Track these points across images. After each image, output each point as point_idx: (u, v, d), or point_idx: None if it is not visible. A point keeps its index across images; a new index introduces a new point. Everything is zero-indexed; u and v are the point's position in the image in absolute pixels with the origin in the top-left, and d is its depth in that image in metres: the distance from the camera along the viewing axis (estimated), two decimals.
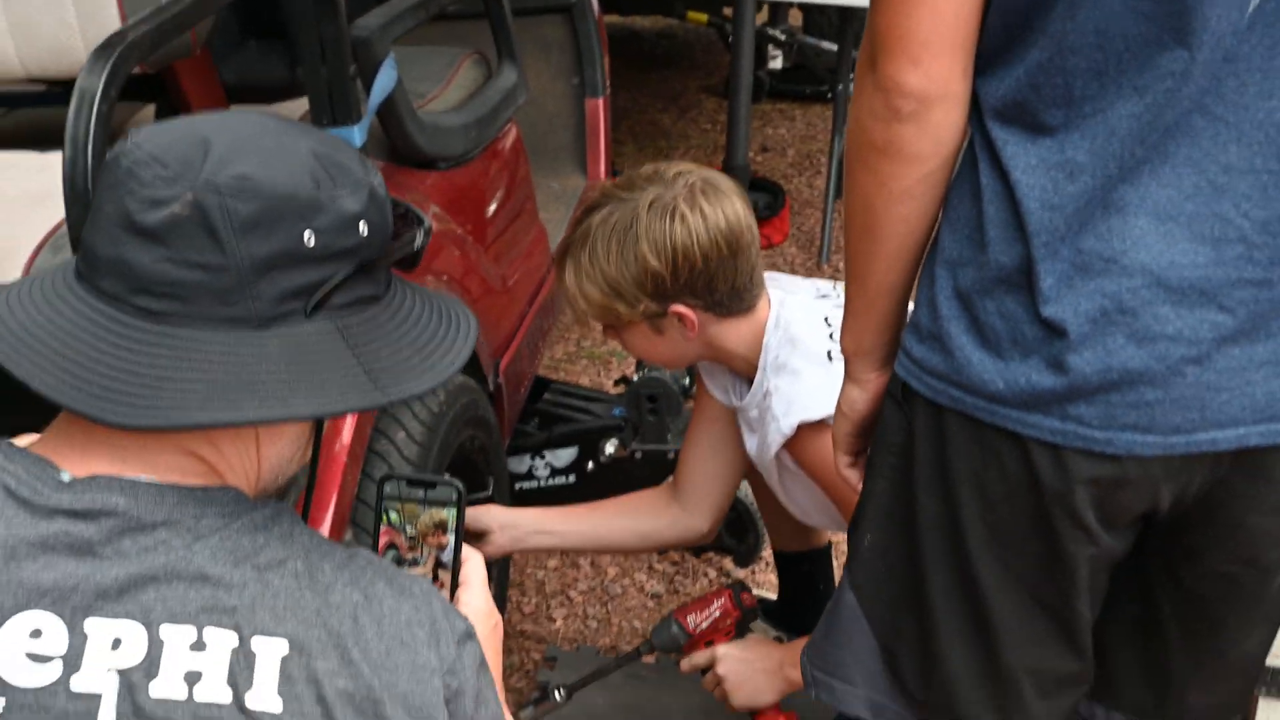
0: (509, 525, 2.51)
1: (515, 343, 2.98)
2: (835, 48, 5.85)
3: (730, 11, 5.82)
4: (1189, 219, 1.36)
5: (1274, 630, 1.64)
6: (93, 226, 1.22)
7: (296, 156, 1.22)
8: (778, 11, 6.59)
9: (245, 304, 1.20)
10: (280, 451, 1.31)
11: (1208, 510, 1.48)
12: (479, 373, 2.70)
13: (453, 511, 1.44)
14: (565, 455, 3.35)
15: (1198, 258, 1.37)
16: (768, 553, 3.10)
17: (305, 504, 1.41)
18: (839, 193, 4.59)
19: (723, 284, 2.18)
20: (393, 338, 1.28)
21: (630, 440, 3.25)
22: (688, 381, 3.30)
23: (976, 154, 1.45)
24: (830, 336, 2.16)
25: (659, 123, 6.43)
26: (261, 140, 1.23)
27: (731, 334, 2.24)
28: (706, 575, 3.28)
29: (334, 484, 2.18)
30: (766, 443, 2.24)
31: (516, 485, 3.35)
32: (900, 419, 1.56)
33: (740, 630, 2.48)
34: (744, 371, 2.30)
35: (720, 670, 2.40)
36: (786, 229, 5.16)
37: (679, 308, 2.19)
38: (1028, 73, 1.38)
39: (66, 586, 1.16)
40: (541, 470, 3.37)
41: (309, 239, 1.21)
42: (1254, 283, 1.37)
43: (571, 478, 3.35)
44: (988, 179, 1.43)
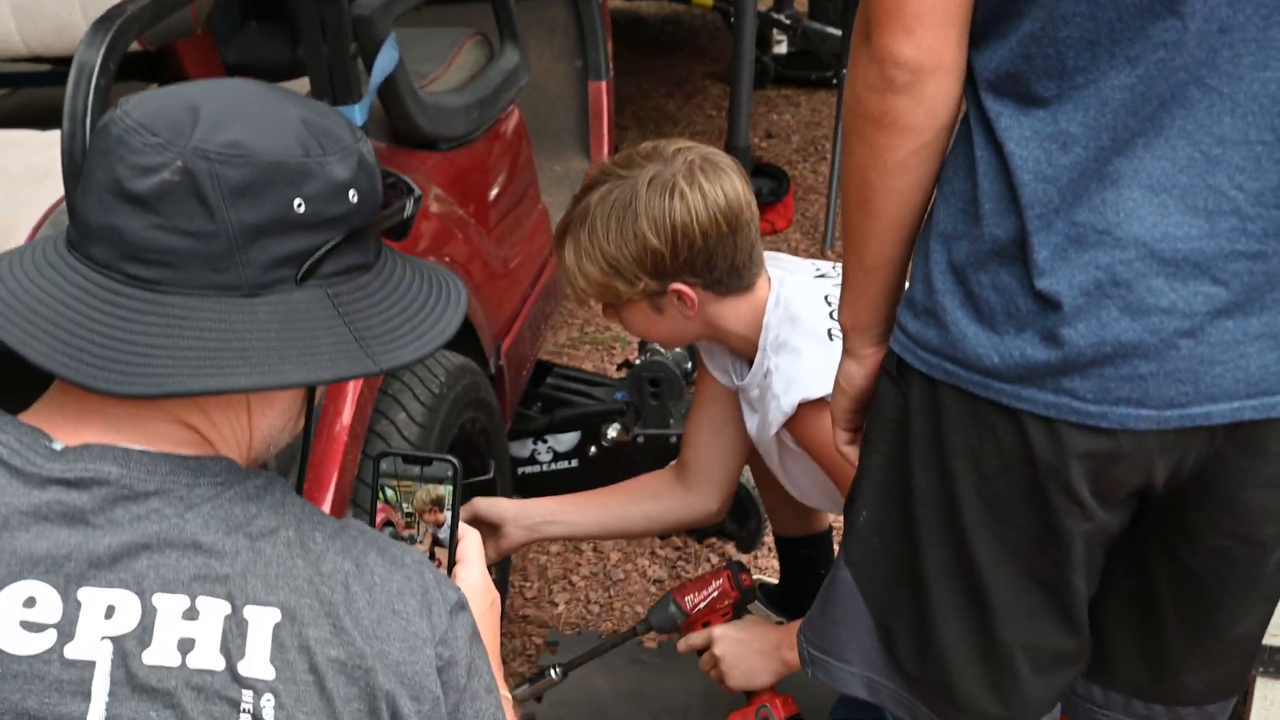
0: (521, 517, 2.51)
1: (517, 325, 2.97)
2: (840, 33, 5.84)
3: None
4: (1183, 191, 1.36)
5: (1271, 609, 1.63)
6: (84, 194, 1.22)
7: (286, 124, 1.22)
8: None
9: (235, 271, 1.19)
10: (272, 421, 1.31)
11: (1203, 485, 1.48)
12: (480, 355, 2.69)
13: (449, 488, 1.44)
14: (568, 440, 3.35)
15: (1191, 230, 1.36)
16: (769, 538, 3.09)
17: (300, 474, 1.41)
18: None
19: (722, 262, 2.17)
20: (383, 306, 1.28)
21: (632, 424, 3.25)
22: (690, 366, 3.30)
23: (971, 127, 1.45)
24: (830, 315, 2.15)
25: (664, 108, 6.42)
26: (251, 107, 1.23)
27: (731, 313, 2.24)
28: (709, 560, 3.27)
29: (334, 464, 2.17)
30: (767, 421, 2.23)
31: (519, 470, 3.35)
32: (895, 394, 1.55)
33: (738, 611, 2.47)
34: (744, 351, 2.30)
35: (717, 651, 2.39)
36: (791, 215, 5.15)
37: (678, 286, 2.18)
38: (1020, 43, 1.37)
39: (59, 555, 1.16)
40: (544, 455, 3.37)
41: (299, 206, 1.20)
42: (1247, 255, 1.36)
43: (574, 462, 3.35)
44: (982, 152, 1.43)
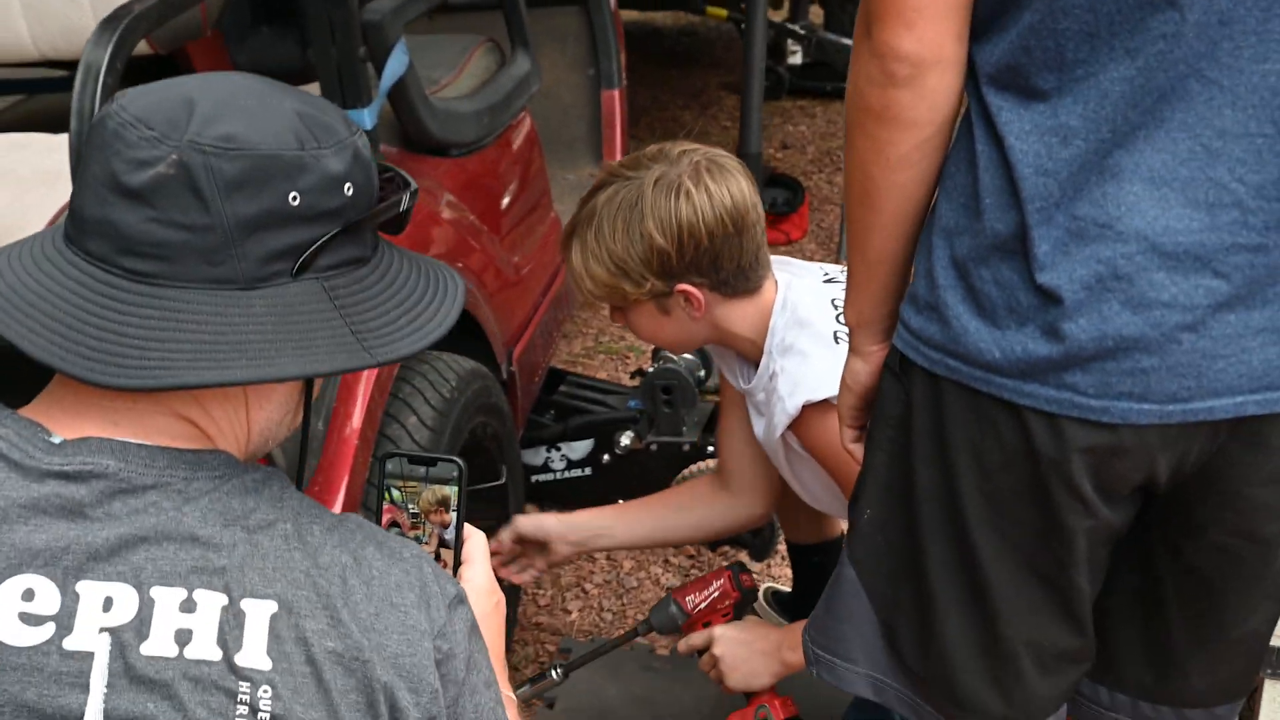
0: (568, 533, 2.53)
1: (529, 332, 2.97)
2: None
3: None
4: (1183, 184, 1.35)
5: (1278, 609, 1.61)
6: (80, 188, 1.22)
7: (281, 117, 1.22)
8: (798, 7, 6.57)
9: (231, 264, 1.19)
10: (270, 414, 1.31)
11: (1206, 481, 1.47)
12: (492, 360, 2.69)
13: (455, 489, 1.43)
14: (581, 448, 3.34)
15: (1192, 223, 1.35)
16: (783, 545, 3.08)
17: (299, 468, 1.41)
18: None
19: (728, 262, 2.17)
20: (380, 300, 1.28)
21: (645, 432, 3.24)
22: (703, 374, 3.29)
23: (973, 122, 1.44)
24: (837, 319, 2.15)
25: (679, 119, 6.42)
26: (246, 100, 1.23)
27: (737, 315, 2.23)
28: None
29: (344, 467, 2.17)
30: (773, 424, 2.23)
31: (533, 478, 3.35)
32: (898, 391, 1.55)
33: (739, 612, 2.47)
34: (750, 355, 2.29)
35: (717, 651, 2.39)
36: (805, 225, 5.14)
37: (685, 286, 2.18)
38: (1020, 36, 1.37)
39: (58, 548, 1.16)
40: (557, 463, 3.36)
41: (294, 199, 1.20)
42: (1249, 248, 1.36)
43: (587, 470, 3.34)
44: (983, 146, 1.42)
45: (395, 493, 1.45)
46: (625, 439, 3.25)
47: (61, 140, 2.09)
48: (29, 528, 1.16)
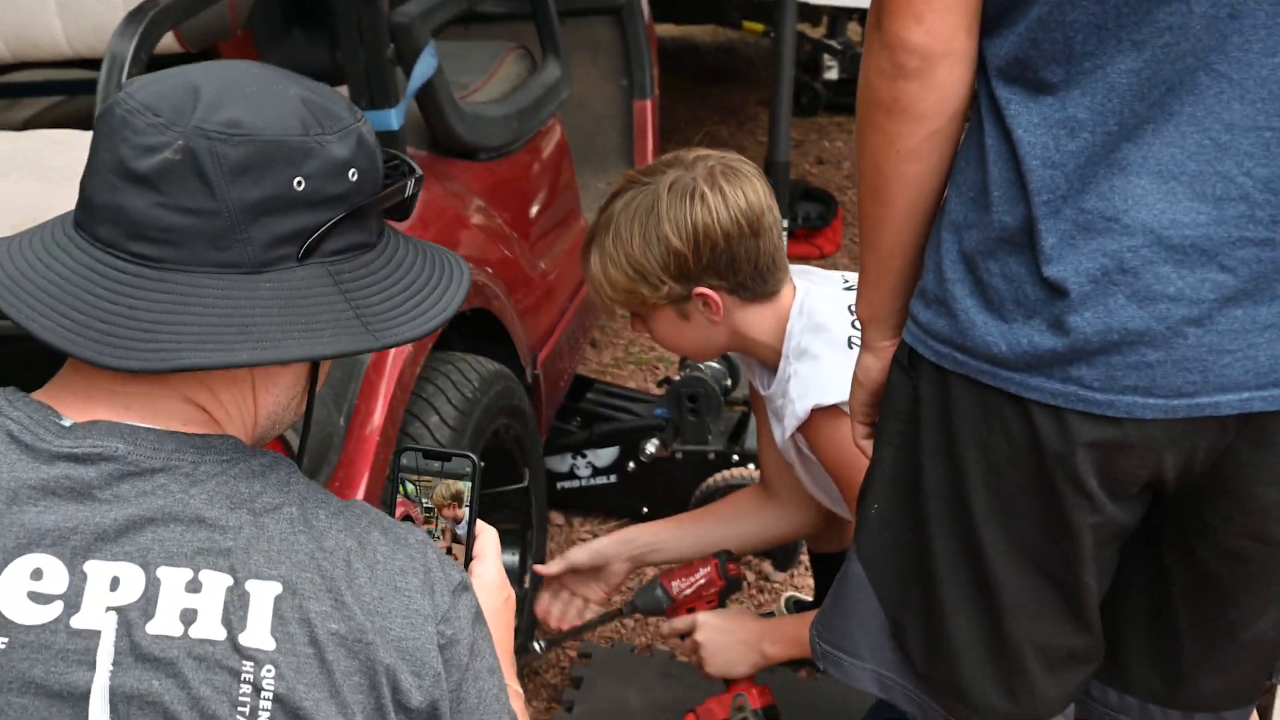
0: (621, 552, 2.56)
1: (554, 337, 2.98)
2: None
3: None
4: (1191, 178, 1.35)
5: None
6: (90, 175, 1.24)
7: (286, 103, 1.23)
8: (836, 23, 6.57)
9: (238, 248, 1.21)
10: (276, 398, 1.32)
11: (1215, 481, 1.46)
12: (516, 364, 2.70)
13: (468, 485, 1.44)
14: (606, 455, 3.35)
15: (1199, 216, 1.35)
16: (806, 556, 3.07)
17: (299, 453, 1.42)
18: None
19: (745, 264, 2.18)
20: (385, 284, 1.28)
21: (671, 440, 3.25)
22: (729, 383, 3.29)
23: (983, 116, 1.45)
24: (853, 324, 2.15)
25: (716, 134, 6.42)
26: (251, 87, 1.24)
27: (756, 320, 2.24)
28: (745, 578, 3.25)
29: (365, 464, 2.19)
30: (784, 426, 2.23)
31: (558, 485, 3.36)
32: (907, 385, 1.55)
33: (723, 599, 2.49)
34: (769, 361, 2.30)
35: (699, 638, 2.41)
36: (839, 239, 5.14)
37: (703, 289, 2.19)
38: (1029, 28, 1.37)
39: (66, 529, 1.18)
40: (583, 469, 3.38)
41: (299, 184, 1.21)
42: (1256, 242, 1.35)
43: (612, 477, 3.35)
44: (992, 140, 1.43)
45: (409, 486, 1.46)
46: (651, 447, 3.26)
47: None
48: (39, 508, 1.18)
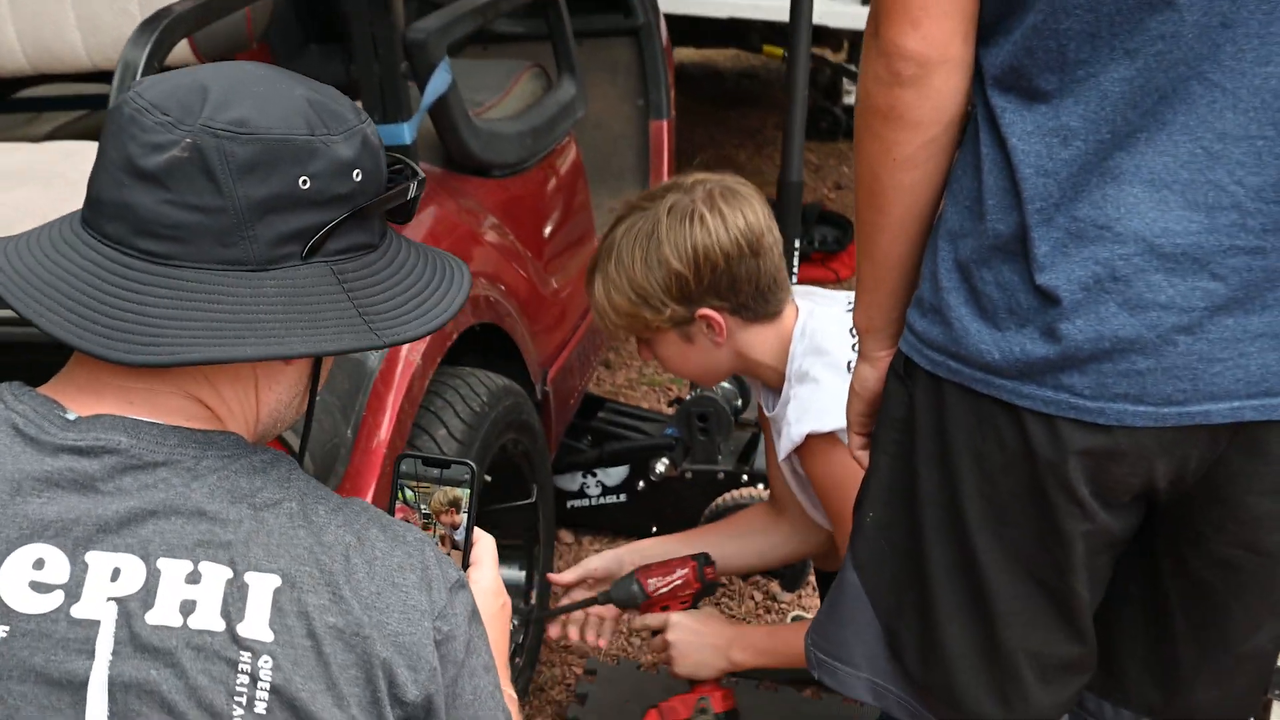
0: (636, 558, 2.55)
1: (565, 354, 3.00)
2: None
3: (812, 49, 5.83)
4: (1184, 186, 1.35)
5: None
6: (98, 173, 1.26)
7: (292, 103, 1.26)
8: (857, 48, 6.58)
9: (243, 246, 1.22)
10: (279, 396, 1.34)
11: (1208, 491, 1.46)
12: (526, 379, 2.72)
13: (466, 492, 1.46)
14: (617, 474, 3.36)
15: (1191, 225, 1.36)
16: (814, 577, 3.07)
17: (300, 453, 1.43)
18: None
19: (747, 284, 2.19)
20: (387, 285, 1.30)
21: (681, 460, 3.25)
22: (740, 403, 3.30)
23: (979, 125, 1.46)
24: (853, 347, 2.15)
25: (734, 158, 6.45)
26: (258, 87, 1.26)
27: (759, 341, 2.26)
28: (753, 598, 3.26)
29: (372, 475, 2.20)
30: (780, 448, 2.24)
31: (569, 503, 3.37)
32: (902, 393, 1.56)
33: (696, 601, 2.50)
34: (773, 382, 2.31)
35: (670, 637, 2.42)
36: (854, 264, 5.15)
37: (705, 311, 2.21)
38: (1024, 37, 1.38)
39: (68, 520, 1.20)
40: (593, 488, 3.39)
41: (304, 183, 1.23)
42: (1246, 250, 1.36)
43: (622, 496, 3.36)
44: (988, 148, 1.44)
45: (409, 493, 1.47)
46: (660, 466, 3.26)
47: None
48: (42, 499, 1.20)
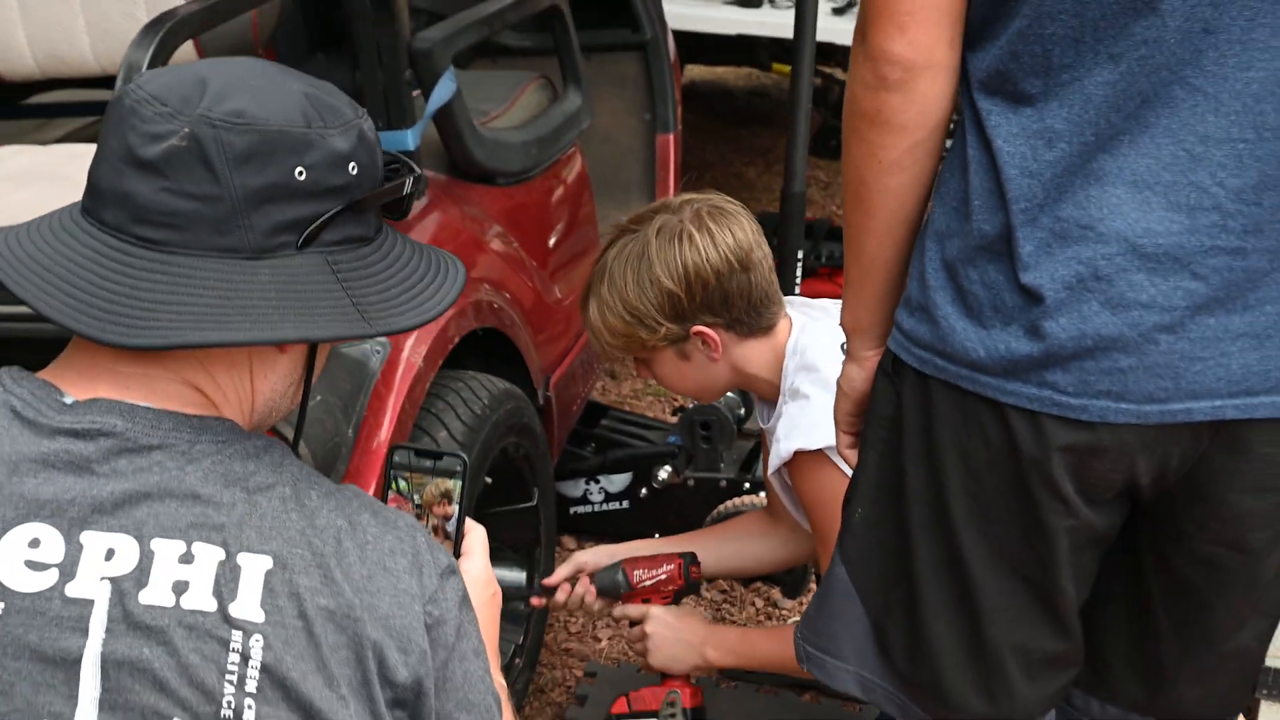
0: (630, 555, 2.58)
1: (567, 361, 3.03)
2: None
3: (822, 67, 5.87)
4: (1166, 188, 1.38)
5: (1271, 627, 1.61)
6: (98, 163, 1.29)
7: (289, 96, 1.29)
8: None
9: (239, 234, 1.26)
10: (274, 384, 1.36)
11: (1191, 488, 1.48)
12: (529, 385, 2.75)
13: (458, 483, 1.48)
14: (619, 481, 3.39)
15: (1172, 225, 1.38)
16: (815, 585, 3.10)
17: (295, 443, 1.46)
18: None
19: (739, 299, 2.23)
20: (381, 276, 1.33)
21: (683, 468, 3.28)
22: (742, 411, 3.33)
23: (966, 128, 1.48)
24: (843, 347, 2.18)
25: (743, 175, 6.48)
26: (256, 80, 1.30)
27: (754, 355, 2.29)
28: (754, 604, 3.28)
29: (372, 475, 2.23)
30: (770, 463, 2.28)
31: (571, 510, 3.40)
32: (890, 391, 1.58)
33: (678, 598, 2.54)
34: (769, 396, 2.35)
35: (647, 629, 2.47)
36: None
37: (699, 328, 2.24)
38: (1009, 41, 1.41)
39: (64, 500, 1.22)
40: (596, 495, 3.41)
41: (300, 174, 1.27)
42: (1227, 250, 1.38)
43: (625, 503, 3.38)
44: (974, 150, 1.46)
45: (402, 483, 1.50)
46: (663, 473, 3.28)
47: None
48: (38, 480, 1.23)
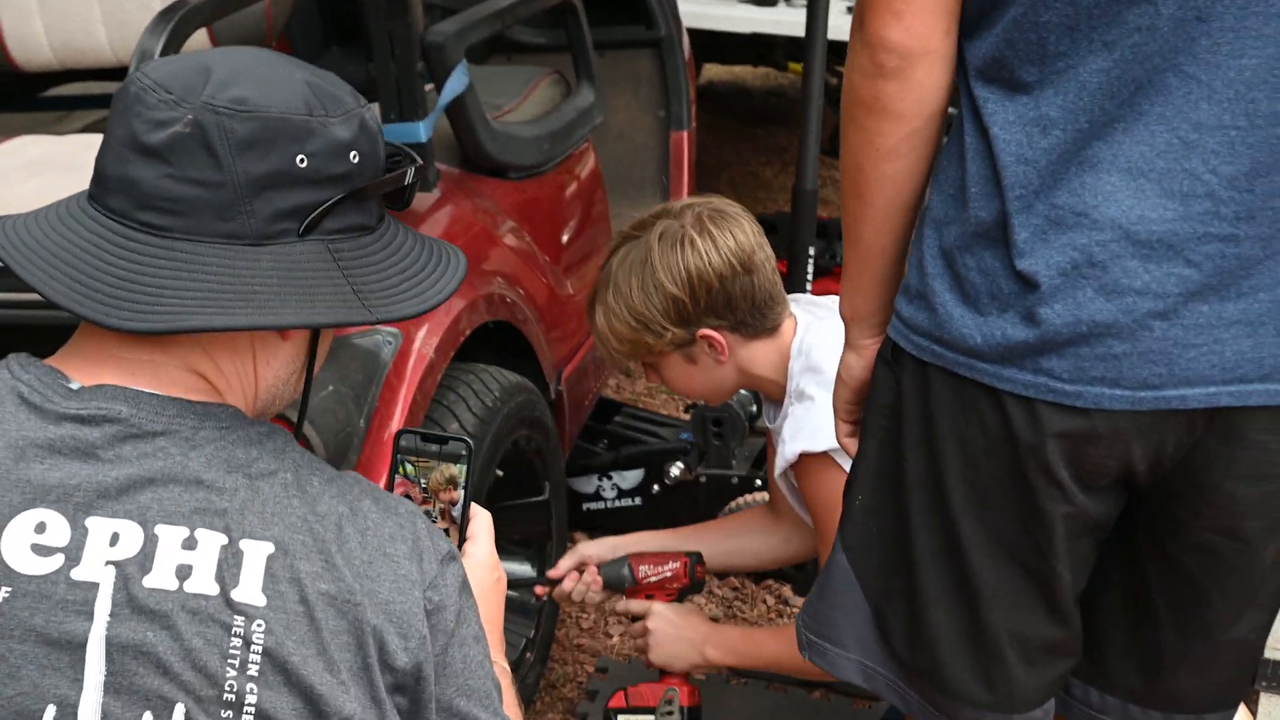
0: (634, 547, 2.58)
1: (579, 356, 3.03)
2: None
3: (837, 65, 5.87)
4: (1160, 175, 1.38)
5: (1269, 618, 1.61)
6: (104, 151, 1.30)
7: (291, 85, 1.30)
8: None
9: (241, 220, 1.26)
10: (276, 371, 1.37)
11: (1186, 476, 1.48)
12: (540, 379, 2.75)
13: (463, 468, 1.49)
14: (632, 477, 3.40)
15: (1166, 212, 1.38)
16: None
17: (298, 430, 1.46)
18: None
19: (743, 301, 2.24)
20: (383, 265, 1.34)
21: (695, 464, 3.28)
22: (754, 409, 3.33)
23: (964, 116, 1.49)
24: None
25: (760, 174, 6.49)
26: (259, 69, 1.31)
27: (760, 356, 2.30)
28: (765, 601, 3.28)
29: (384, 465, 2.23)
30: (776, 464, 2.29)
31: (584, 505, 3.41)
32: (890, 379, 1.58)
33: (681, 596, 2.55)
34: (775, 396, 2.36)
35: (649, 624, 2.48)
36: None
37: (705, 331, 2.25)
38: (1005, 29, 1.42)
39: (70, 485, 1.24)
40: (608, 491, 3.42)
41: (301, 161, 1.27)
42: (1219, 237, 1.38)
43: (637, 500, 3.39)
44: (971, 138, 1.47)
45: (409, 467, 1.50)
46: (675, 470, 3.29)
47: None
48: (44, 466, 1.24)
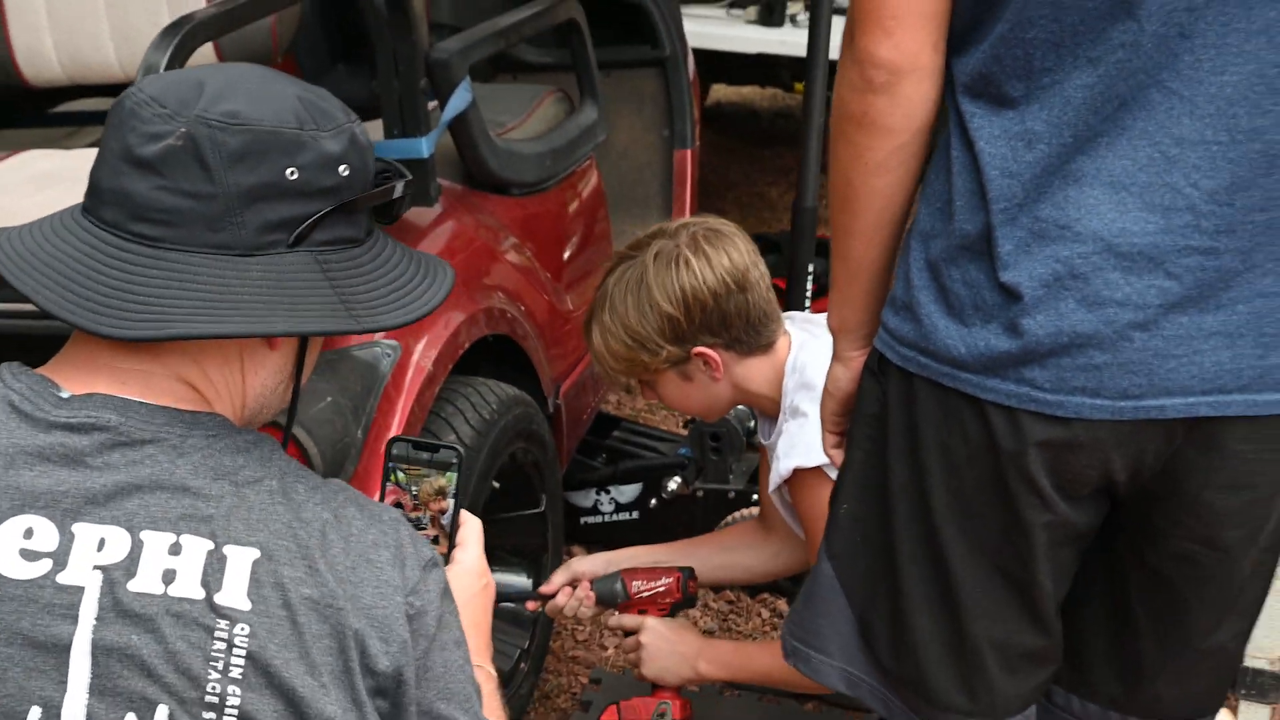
0: (626, 563, 2.60)
1: (577, 370, 3.06)
2: None
3: None
4: (1141, 189, 1.41)
5: (1248, 626, 1.64)
6: (99, 163, 1.34)
7: (283, 99, 1.34)
8: None
9: (232, 231, 1.30)
10: (264, 381, 1.41)
11: (1166, 485, 1.51)
12: (539, 392, 2.79)
13: (454, 475, 1.52)
14: (630, 491, 3.42)
15: (1147, 225, 1.41)
16: None
17: (284, 439, 1.50)
18: None
19: (737, 319, 2.27)
20: (371, 276, 1.38)
21: (693, 479, 3.31)
22: (752, 424, 3.36)
23: (951, 131, 1.52)
24: None
25: (766, 195, 6.52)
26: (251, 84, 1.35)
27: (755, 373, 2.33)
28: (760, 615, 3.31)
29: (380, 475, 2.27)
30: (770, 479, 2.31)
31: (582, 519, 3.43)
32: (876, 390, 1.61)
33: (674, 611, 2.57)
34: (771, 412, 2.38)
35: (642, 639, 2.49)
36: None
37: (700, 349, 2.28)
38: (992, 45, 1.45)
39: (58, 492, 1.27)
40: (606, 505, 3.45)
41: (291, 174, 1.31)
42: (1200, 250, 1.41)
43: (635, 514, 3.42)
44: (958, 152, 1.50)
45: (400, 475, 1.54)
46: (673, 484, 3.32)
47: None
48: (34, 473, 1.27)
